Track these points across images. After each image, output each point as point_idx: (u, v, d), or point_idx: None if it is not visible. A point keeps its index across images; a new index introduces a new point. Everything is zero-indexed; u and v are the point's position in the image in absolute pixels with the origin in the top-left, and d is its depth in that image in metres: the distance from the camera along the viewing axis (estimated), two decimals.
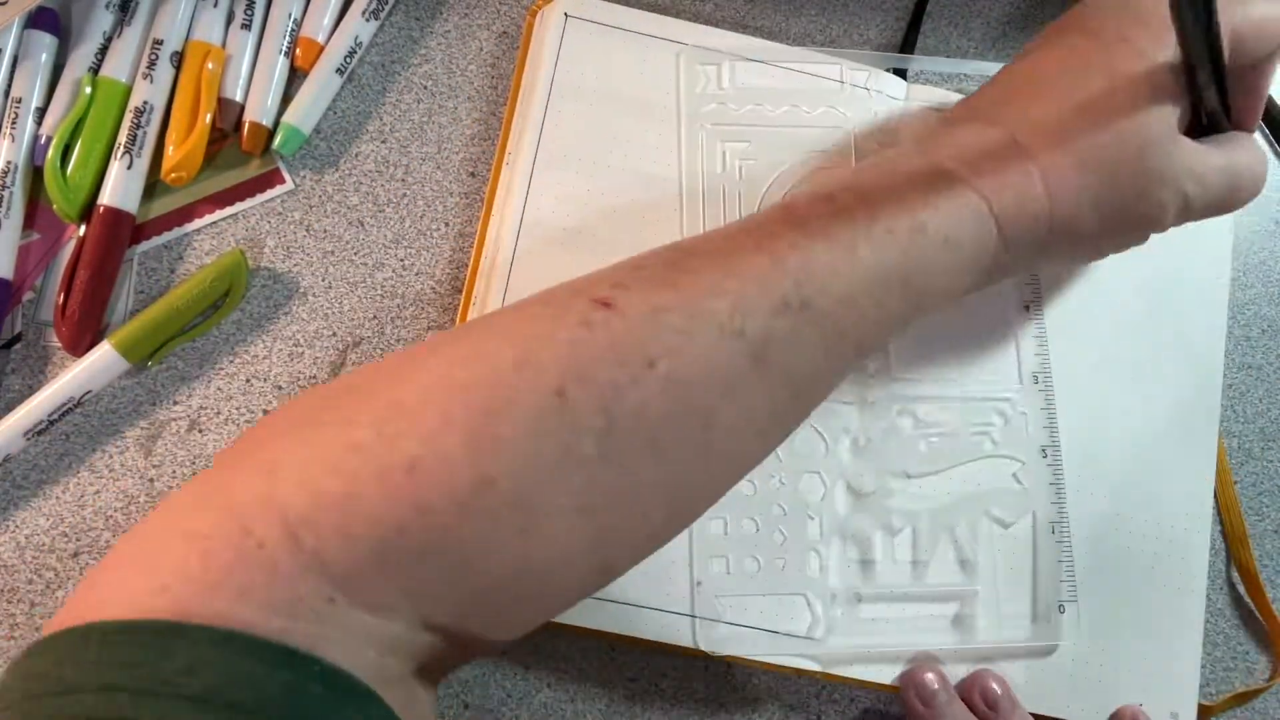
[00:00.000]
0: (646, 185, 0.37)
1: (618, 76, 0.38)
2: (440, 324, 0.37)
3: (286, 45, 0.38)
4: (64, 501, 0.34)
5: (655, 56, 0.38)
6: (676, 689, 0.36)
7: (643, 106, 0.38)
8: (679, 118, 0.38)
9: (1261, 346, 0.41)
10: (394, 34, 0.40)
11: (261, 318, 0.37)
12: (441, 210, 0.38)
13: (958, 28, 0.43)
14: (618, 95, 0.38)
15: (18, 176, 0.36)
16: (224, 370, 0.36)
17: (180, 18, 0.37)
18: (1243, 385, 0.41)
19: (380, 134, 0.39)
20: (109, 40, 0.37)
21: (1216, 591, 0.39)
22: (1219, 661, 0.39)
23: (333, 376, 0.36)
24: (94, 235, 0.35)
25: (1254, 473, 0.40)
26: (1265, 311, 0.42)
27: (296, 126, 0.38)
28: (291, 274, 0.37)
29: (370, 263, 0.38)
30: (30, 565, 0.33)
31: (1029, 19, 0.44)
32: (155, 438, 0.35)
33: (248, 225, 0.37)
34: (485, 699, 0.35)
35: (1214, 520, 0.39)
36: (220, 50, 0.38)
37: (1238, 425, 0.41)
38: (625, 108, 0.37)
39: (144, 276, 0.37)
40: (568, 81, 0.37)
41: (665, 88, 0.38)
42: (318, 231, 0.38)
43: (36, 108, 0.36)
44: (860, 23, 0.42)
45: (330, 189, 0.38)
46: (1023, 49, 0.33)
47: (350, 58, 0.38)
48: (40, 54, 0.37)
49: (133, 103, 0.36)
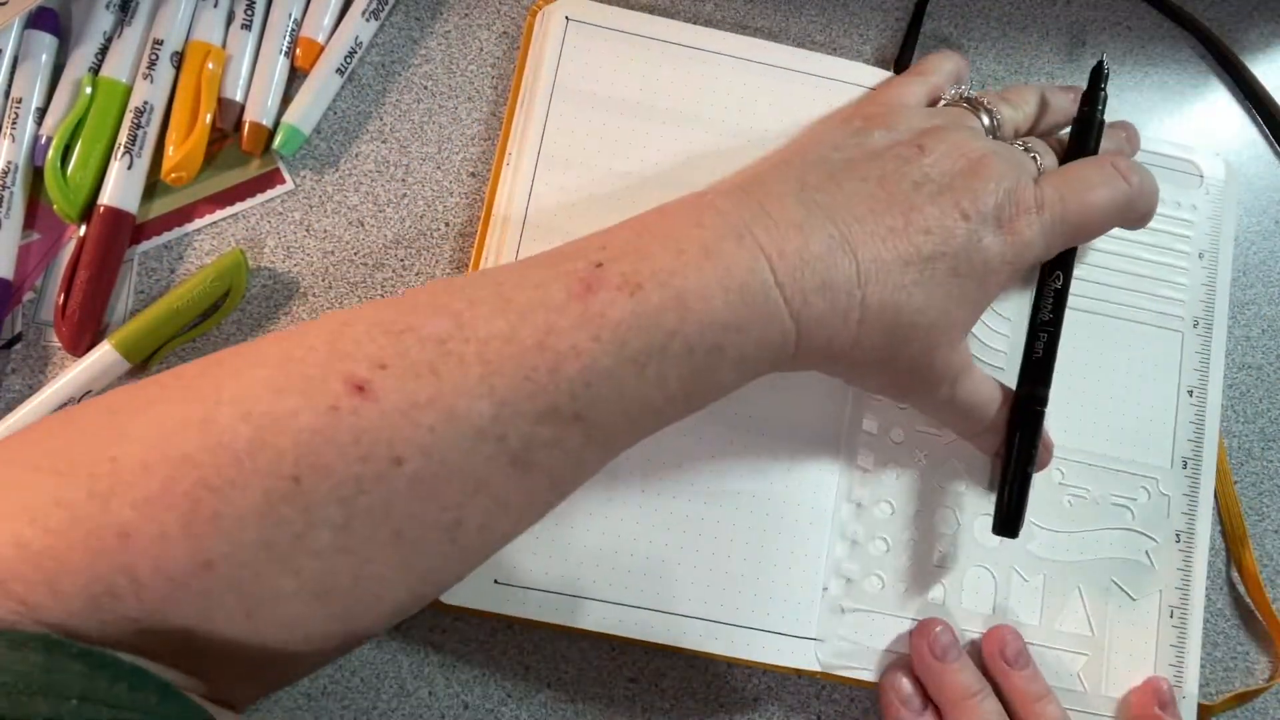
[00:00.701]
0: (648, 187, 0.37)
1: (619, 79, 0.38)
2: None
3: (286, 45, 0.38)
4: None
5: (656, 59, 0.38)
6: (677, 689, 0.36)
7: (644, 109, 0.38)
8: (680, 120, 0.38)
9: (1261, 346, 0.41)
10: (394, 34, 0.40)
11: (261, 318, 0.37)
12: (441, 210, 0.38)
13: (958, 28, 0.43)
14: (619, 98, 0.38)
15: (18, 176, 0.36)
16: None
17: (180, 18, 0.37)
18: (1243, 385, 0.41)
19: (380, 134, 0.39)
20: (109, 40, 0.37)
21: (1216, 591, 0.39)
22: (1219, 661, 0.39)
23: None
24: (94, 235, 0.35)
25: (1254, 473, 0.40)
26: (1265, 311, 0.42)
27: (296, 126, 0.38)
28: (291, 274, 0.37)
29: (370, 263, 0.38)
30: None
31: (1029, 19, 0.44)
32: None
33: (248, 225, 0.37)
34: (485, 699, 0.35)
35: (1214, 520, 0.39)
36: (220, 50, 0.38)
37: (1238, 425, 0.41)
38: (627, 109, 0.37)
39: (144, 276, 0.37)
40: (569, 84, 0.37)
41: (666, 90, 0.38)
42: (318, 231, 0.38)
43: (36, 108, 0.36)
44: (860, 23, 0.42)
45: (330, 189, 0.38)
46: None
47: (350, 58, 0.38)
48: (40, 54, 0.37)
49: (133, 103, 0.36)
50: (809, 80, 0.39)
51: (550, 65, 0.37)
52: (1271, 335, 0.42)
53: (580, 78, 0.37)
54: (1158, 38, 0.45)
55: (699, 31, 0.38)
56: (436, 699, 0.34)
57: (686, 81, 0.38)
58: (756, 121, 0.38)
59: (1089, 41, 0.44)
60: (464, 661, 0.35)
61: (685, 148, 0.37)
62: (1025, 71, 0.43)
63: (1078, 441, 0.37)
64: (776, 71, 0.38)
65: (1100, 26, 0.44)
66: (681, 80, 0.38)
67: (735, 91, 0.38)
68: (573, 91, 0.37)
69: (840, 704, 0.36)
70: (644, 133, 0.37)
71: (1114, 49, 0.44)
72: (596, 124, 0.37)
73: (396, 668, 0.34)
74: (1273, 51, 0.46)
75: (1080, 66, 0.44)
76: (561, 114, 0.37)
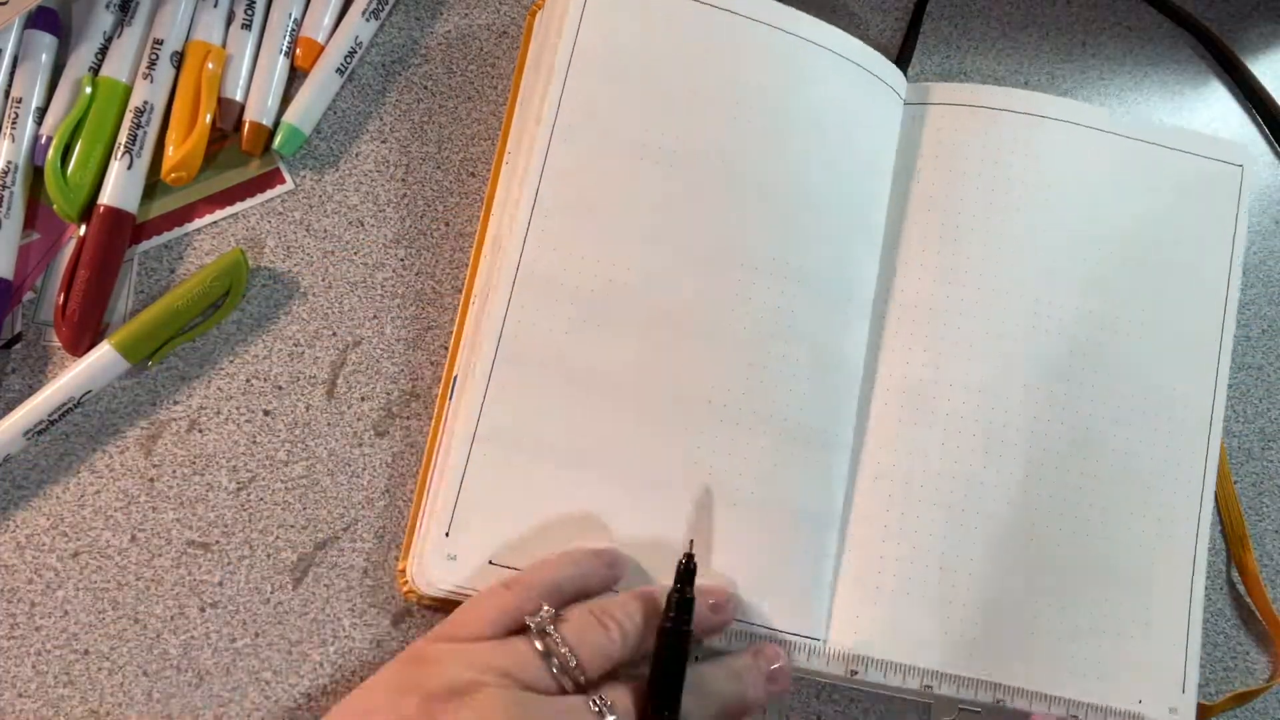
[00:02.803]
0: (649, 181, 0.37)
1: (627, 77, 0.37)
2: (440, 324, 0.37)
3: (287, 45, 0.38)
4: (64, 501, 0.34)
5: (664, 54, 0.38)
6: None
7: (646, 108, 0.37)
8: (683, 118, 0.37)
9: (1261, 346, 0.41)
10: (394, 34, 0.40)
11: (261, 318, 0.37)
12: (441, 210, 0.38)
13: (958, 28, 0.43)
14: (623, 97, 0.37)
15: (18, 176, 0.36)
16: (224, 370, 0.36)
17: (180, 18, 0.37)
18: (1243, 385, 0.41)
19: (380, 134, 0.39)
20: (109, 40, 0.37)
21: (1216, 591, 0.39)
22: (1219, 661, 0.39)
23: (333, 376, 0.36)
24: (94, 235, 0.35)
25: (1254, 473, 0.40)
26: (1265, 311, 0.42)
27: (296, 126, 0.38)
28: (291, 274, 0.37)
29: (370, 263, 0.38)
30: (30, 565, 0.33)
31: (1029, 19, 0.44)
32: (155, 438, 0.35)
33: (248, 225, 0.37)
34: None
35: (1214, 520, 0.39)
36: (220, 50, 0.38)
37: (1238, 425, 0.41)
38: (628, 111, 0.37)
39: (144, 276, 0.37)
40: (574, 83, 0.37)
41: (672, 86, 0.37)
42: (318, 231, 0.38)
43: (36, 108, 0.36)
44: (860, 22, 0.42)
45: (330, 189, 0.38)
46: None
47: (350, 58, 0.38)
48: (40, 54, 0.37)
49: (133, 103, 0.36)
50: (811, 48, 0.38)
51: (563, 59, 0.36)
52: (1271, 335, 0.42)
53: (600, 49, 0.36)
54: (1158, 38, 0.45)
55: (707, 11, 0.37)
56: None
57: (698, 60, 0.37)
58: (749, 87, 0.37)
59: (1089, 41, 0.44)
60: None
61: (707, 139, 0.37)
62: (1025, 71, 0.43)
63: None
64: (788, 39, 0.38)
65: (1100, 26, 0.44)
66: (693, 58, 0.37)
67: (758, 74, 0.37)
68: (584, 73, 0.36)
69: (840, 704, 0.36)
70: (645, 133, 0.37)
71: (1114, 49, 0.44)
72: (599, 122, 0.36)
73: None
74: (1273, 51, 0.46)
75: (1080, 66, 0.44)
76: (576, 89, 0.36)
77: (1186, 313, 0.39)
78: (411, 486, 0.36)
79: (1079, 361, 0.38)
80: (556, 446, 0.34)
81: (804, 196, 0.37)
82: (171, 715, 0.33)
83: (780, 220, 0.37)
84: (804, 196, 0.37)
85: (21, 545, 0.34)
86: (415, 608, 0.35)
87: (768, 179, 0.37)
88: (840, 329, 0.37)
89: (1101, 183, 0.39)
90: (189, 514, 0.35)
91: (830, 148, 0.38)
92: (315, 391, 0.36)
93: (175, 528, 0.34)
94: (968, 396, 0.37)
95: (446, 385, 0.36)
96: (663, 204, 0.36)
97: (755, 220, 0.37)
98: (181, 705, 0.33)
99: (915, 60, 0.43)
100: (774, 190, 0.37)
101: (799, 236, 0.37)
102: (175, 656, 0.33)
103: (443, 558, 0.33)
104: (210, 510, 0.35)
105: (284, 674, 0.34)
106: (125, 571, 0.34)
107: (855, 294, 0.38)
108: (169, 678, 0.33)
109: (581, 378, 0.35)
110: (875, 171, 0.39)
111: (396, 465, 0.36)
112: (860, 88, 0.39)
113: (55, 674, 0.33)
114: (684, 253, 0.36)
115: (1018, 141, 0.39)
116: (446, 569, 0.33)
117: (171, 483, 0.35)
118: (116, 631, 0.33)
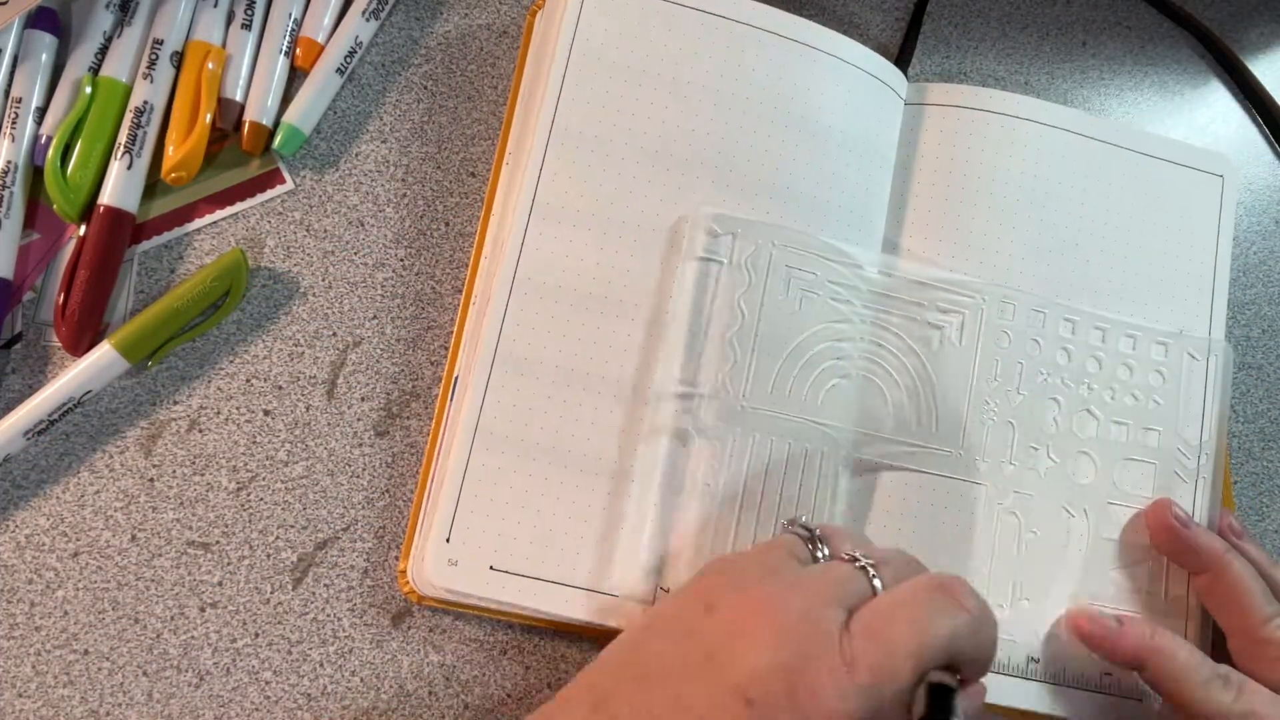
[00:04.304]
0: (650, 177, 0.37)
1: (639, 50, 0.37)
2: (440, 324, 0.37)
3: (286, 45, 0.38)
4: (64, 501, 0.34)
5: (678, 33, 0.37)
6: None
7: (645, 110, 0.37)
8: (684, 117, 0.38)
9: (1261, 346, 0.41)
10: (394, 34, 0.40)
11: (261, 318, 0.37)
12: (441, 210, 0.38)
13: (958, 28, 0.43)
14: (623, 98, 0.37)
15: (18, 176, 0.36)
16: (224, 370, 0.36)
17: (180, 18, 0.37)
18: (1243, 385, 0.41)
19: (380, 134, 0.39)
20: (109, 40, 0.37)
21: None
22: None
23: (333, 376, 0.36)
24: (94, 235, 0.35)
25: (1254, 473, 0.40)
26: (1265, 311, 0.42)
27: (297, 126, 0.38)
28: (291, 274, 0.37)
29: (370, 263, 0.38)
30: (30, 565, 0.33)
31: (1029, 19, 0.44)
32: (155, 438, 0.35)
33: (248, 225, 0.37)
34: (485, 699, 0.35)
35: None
36: (220, 50, 0.38)
37: (1238, 425, 0.41)
38: (628, 112, 0.37)
39: (144, 276, 0.37)
40: (573, 83, 0.37)
41: (677, 84, 0.38)
42: (318, 231, 0.38)
43: (36, 108, 0.36)
44: (860, 22, 0.42)
45: (330, 189, 0.38)
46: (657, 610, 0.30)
47: (350, 58, 0.38)
48: (40, 54, 0.37)
49: (133, 103, 0.36)
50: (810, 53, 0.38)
51: (559, 63, 0.36)
52: (1271, 335, 0.42)
53: (602, 46, 0.36)
54: (1158, 38, 0.45)
55: (715, 20, 0.38)
56: (436, 699, 0.34)
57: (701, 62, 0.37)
58: (754, 91, 0.37)
59: (1089, 41, 0.44)
60: (464, 661, 0.35)
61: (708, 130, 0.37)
62: (1025, 72, 0.43)
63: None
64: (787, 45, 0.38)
65: (1100, 26, 0.44)
66: (702, 58, 0.37)
67: (759, 70, 0.37)
68: (583, 72, 0.36)
69: None
70: (645, 132, 0.37)
71: (1114, 49, 0.44)
72: (599, 121, 0.37)
73: (396, 668, 0.34)
74: (1273, 51, 0.46)
75: (1080, 66, 0.44)
76: (576, 85, 0.36)
77: (1174, 321, 0.39)
78: (411, 486, 0.36)
79: (1073, 362, 0.38)
80: (556, 448, 0.34)
81: (804, 198, 0.37)
82: (171, 715, 0.33)
83: (780, 221, 0.37)
84: (804, 198, 0.37)
85: (21, 545, 0.34)
86: (416, 608, 0.35)
87: (768, 180, 0.37)
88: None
89: (1092, 188, 0.39)
90: (189, 514, 0.35)
91: (831, 151, 0.38)
92: (315, 391, 0.36)
93: (175, 528, 0.34)
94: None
95: (447, 385, 0.36)
96: (662, 205, 0.36)
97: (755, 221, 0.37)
98: (181, 705, 0.33)
99: (915, 60, 0.43)
100: (774, 192, 0.37)
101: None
102: (175, 656, 0.33)
103: (443, 562, 0.33)
104: (210, 510, 0.35)
105: (284, 674, 0.34)
106: (125, 571, 0.34)
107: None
108: (169, 678, 0.33)
109: (582, 379, 0.35)
110: (876, 173, 0.39)
111: (396, 465, 0.36)
112: (861, 93, 0.39)
113: (55, 674, 0.33)
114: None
115: (1007, 144, 0.39)
116: (447, 573, 0.33)
117: (171, 483, 0.35)
118: (116, 631, 0.33)
